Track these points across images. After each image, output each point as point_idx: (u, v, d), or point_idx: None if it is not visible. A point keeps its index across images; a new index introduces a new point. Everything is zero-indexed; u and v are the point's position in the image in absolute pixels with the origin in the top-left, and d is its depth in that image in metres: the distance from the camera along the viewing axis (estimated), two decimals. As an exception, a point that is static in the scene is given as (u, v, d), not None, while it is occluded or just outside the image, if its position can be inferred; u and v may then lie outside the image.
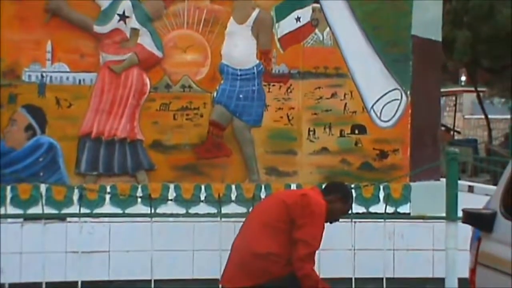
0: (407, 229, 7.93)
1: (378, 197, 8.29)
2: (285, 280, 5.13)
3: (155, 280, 6.76)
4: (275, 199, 5.44)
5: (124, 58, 8.27)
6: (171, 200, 7.94)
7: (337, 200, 5.36)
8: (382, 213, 7.40)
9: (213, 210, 7.63)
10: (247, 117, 8.38)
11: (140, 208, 7.79)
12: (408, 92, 8.47)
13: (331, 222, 5.38)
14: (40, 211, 7.16)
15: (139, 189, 8.12)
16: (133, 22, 8.27)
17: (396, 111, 8.46)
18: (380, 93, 8.44)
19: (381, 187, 8.27)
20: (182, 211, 7.86)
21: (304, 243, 5.06)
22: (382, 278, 7.00)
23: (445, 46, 15.22)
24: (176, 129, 8.27)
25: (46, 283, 6.76)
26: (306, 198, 5.17)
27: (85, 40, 8.17)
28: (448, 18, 19.71)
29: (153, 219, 6.97)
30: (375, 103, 8.44)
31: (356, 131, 8.44)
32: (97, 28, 8.21)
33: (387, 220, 7.26)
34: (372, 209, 8.22)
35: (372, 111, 8.45)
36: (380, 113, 8.45)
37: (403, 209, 8.30)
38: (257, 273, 5.13)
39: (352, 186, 7.90)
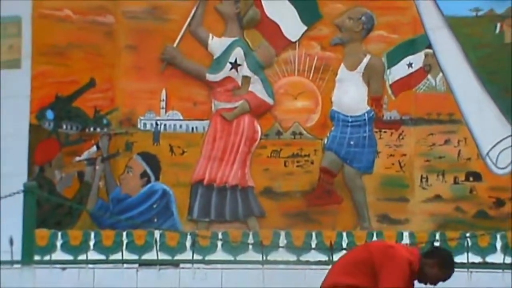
0: (526, 280, 7.66)
1: (495, 246, 8.02)
2: None
3: (267, 328, 6.76)
4: (363, 246, 5.41)
5: (235, 106, 8.37)
6: (282, 247, 7.92)
7: (434, 265, 5.22)
8: (500, 263, 7.18)
9: (324, 258, 7.61)
10: (358, 163, 8.32)
11: (251, 255, 7.84)
12: (525, 138, 8.28)
13: (425, 283, 5.22)
14: (154, 257, 7.35)
15: (250, 236, 8.12)
16: (245, 70, 8.38)
17: (513, 157, 8.27)
18: (496, 140, 8.25)
19: (498, 236, 8.02)
20: (293, 258, 7.85)
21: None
22: (501, 331, 6.78)
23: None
24: (287, 176, 8.28)
25: (161, 329, 6.85)
26: (391, 249, 5.08)
27: (198, 88, 8.35)
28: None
29: (264, 266, 7.08)
30: (490, 149, 8.25)
31: (471, 178, 8.25)
32: (209, 76, 8.36)
33: (505, 271, 7.04)
34: (489, 259, 7.95)
35: (487, 157, 8.26)
36: (496, 160, 8.24)
37: (522, 259, 8.04)
38: None
39: (468, 235, 7.76)
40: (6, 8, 8.16)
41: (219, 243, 8.03)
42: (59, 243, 7.93)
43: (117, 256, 7.71)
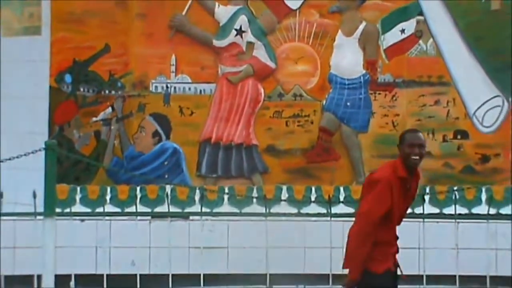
0: (509, 230, 7.68)
1: (480, 199, 8.06)
2: None
3: (270, 275, 6.82)
4: None
5: (240, 70, 8.36)
6: (284, 200, 7.96)
7: (399, 149, 4.95)
8: (485, 214, 7.24)
9: (323, 210, 7.60)
10: (354, 123, 8.34)
11: (255, 208, 7.87)
12: (510, 99, 8.24)
13: (411, 168, 4.80)
14: (166, 210, 7.36)
15: (255, 191, 8.17)
16: (249, 36, 8.36)
17: (498, 117, 8.24)
18: (482, 100, 8.25)
19: (483, 189, 8.06)
20: (294, 211, 7.88)
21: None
22: (486, 276, 6.85)
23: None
24: (288, 135, 8.31)
25: (172, 275, 6.92)
26: (367, 180, 4.85)
27: (205, 54, 8.33)
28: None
29: (268, 218, 7.09)
30: (477, 109, 8.26)
31: (459, 136, 8.28)
32: (216, 42, 8.34)
33: (489, 221, 7.10)
34: (475, 210, 7.99)
35: (474, 117, 8.27)
36: (482, 119, 8.26)
37: (505, 210, 8.05)
38: None
39: (455, 188, 7.81)
40: (27, -21, 8.18)
41: (226, 197, 8.08)
42: (78, 197, 8.02)
43: (132, 209, 7.74)
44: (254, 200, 7.98)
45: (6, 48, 8.13)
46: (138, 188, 8.05)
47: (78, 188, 8.05)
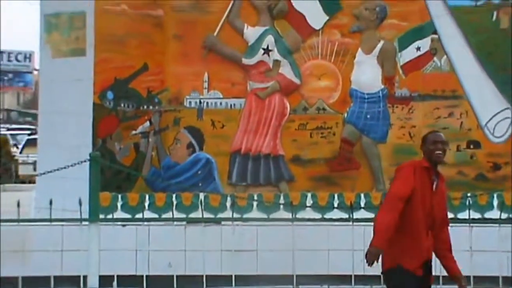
0: (520, 233, 7.68)
1: (492, 204, 8.09)
2: None
3: (296, 276, 6.84)
4: None
5: (268, 86, 8.44)
6: (308, 206, 8.02)
7: (423, 146, 4.86)
8: (496, 219, 7.22)
9: (345, 216, 7.58)
10: (374, 134, 8.39)
11: (282, 213, 7.89)
12: (519, 111, 8.28)
13: (435, 164, 4.79)
14: (199, 216, 7.38)
15: (281, 198, 8.23)
16: (275, 55, 8.43)
17: (508, 128, 8.26)
18: (493, 112, 8.28)
19: (495, 195, 8.08)
20: (318, 216, 7.90)
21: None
22: (498, 277, 6.84)
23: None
24: (312, 146, 8.36)
25: (206, 276, 6.96)
26: (396, 170, 4.90)
27: (235, 71, 8.41)
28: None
29: (294, 223, 7.02)
30: (488, 121, 8.29)
31: (471, 146, 8.31)
32: (245, 61, 8.42)
33: (501, 225, 7.09)
34: (487, 215, 8.00)
35: (485, 128, 8.30)
36: (493, 130, 8.28)
37: (516, 215, 8.07)
38: None
39: (469, 194, 7.82)
40: (73, 5, 8.28)
41: (255, 204, 8.15)
42: (119, 204, 8.12)
43: (168, 215, 7.76)
44: (281, 206, 8.01)
45: (55, 68, 8.30)
46: (174, 196, 8.13)
47: (119, 196, 8.15)
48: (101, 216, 6.89)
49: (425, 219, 4.73)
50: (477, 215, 7.88)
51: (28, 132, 20.20)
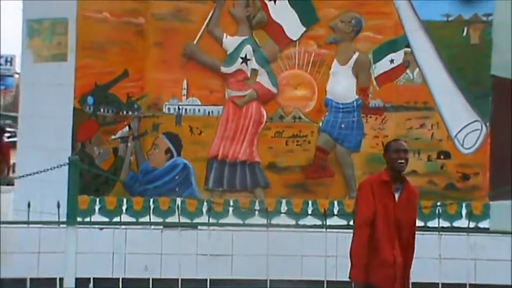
0: (487, 242, 7.73)
1: (461, 213, 8.13)
2: None
3: (270, 280, 6.82)
4: None
5: (245, 94, 8.42)
6: (283, 213, 8.01)
7: (385, 156, 4.95)
8: (465, 228, 7.27)
9: (319, 222, 7.62)
10: (348, 143, 8.40)
11: (257, 219, 7.88)
12: (488, 124, 8.32)
13: (397, 173, 4.80)
14: (176, 220, 7.33)
15: (257, 204, 8.21)
16: (253, 64, 8.42)
17: (477, 139, 8.32)
18: (463, 124, 8.32)
19: (464, 205, 8.13)
20: (293, 222, 7.91)
21: None
22: (466, 284, 6.88)
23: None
24: (288, 153, 8.35)
25: (181, 279, 6.92)
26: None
27: (214, 79, 8.37)
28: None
29: (269, 228, 7.03)
30: (458, 132, 8.33)
31: (442, 157, 8.34)
32: (223, 69, 8.40)
33: (469, 234, 7.14)
34: (456, 223, 8.06)
35: (456, 139, 8.34)
36: (463, 141, 8.33)
37: (483, 224, 8.12)
38: None
39: (439, 204, 7.85)
40: (55, 12, 8.20)
41: (231, 209, 8.13)
42: (97, 207, 8.06)
43: (145, 219, 7.75)
44: (257, 212, 8.01)
45: (37, 73, 8.22)
46: (151, 200, 8.09)
47: (98, 199, 8.10)
48: (79, 219, 6.81)
49: (388, 233, 4.72)
50: (446, 224, 7.97)
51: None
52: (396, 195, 4.78)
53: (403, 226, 4.76)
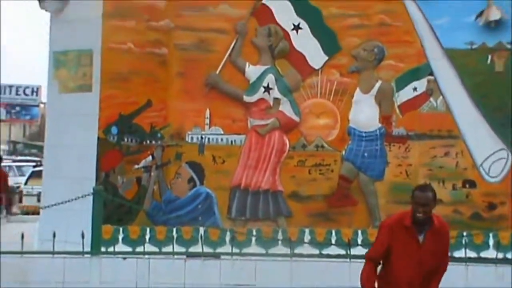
0: (516, 273, 7.57)
1: (488, 243, 8.00)
2: None
3: (294, 310, 6.73)
4: None
5: (268, 123, 8.41)
6: (306, 242, 7.96)
7: (411, 200, 4.71)
8: (493, 258, 7.13)
9: (343, 252, 7.53)
10: (371, 172, 8.33)
11: (280, 248, 7.83)
12: (514, 152, 8.22)
13: (419, 220, 4.64)
14: (199, 249, 7.31)
15: (280, 233, 8.16)
16: (276, 93, 8.42)
17: (503, 168, 8.20)
18: (488, 153, 8.23)
19: (491, 235, 8.00)
20: (316, 252, 7.86)
21: None
22: (494, 315, 6.72)
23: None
24: (311, 182, 8.32)
25: (205, 311, 6.85)
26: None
27: (236, 108, 8.40)
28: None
29: (292, 258, 6.98)
30: (483, 161, 8.24)
31: (467, 185, 8.25)
32: (246, 98, 8.41)
33: (497, 265, 6.98)
34: (483, 254, 7.91)
35: (481, 168, 8.24)
36: (489, 170, 8.22)
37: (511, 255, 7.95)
38: None
39: (465, 233, 7.72)
40: (81, 43, 8.30)
41: (253, 239, 8.09)
42: (120, 237, 8.06)
43: (168, 248, 7.72)
44: (279, 241, 7.96)
45: (62, 103, 8.30)
46: (174, 229, 8.08)
47: (121, 229, 8.09)
48: (103, 249, 6.81)
49: (408, 275, 4.61)
50: (473, 254, 7.80)
51: (33, 164, 20.11)
52: (420, 238, 4.65)
53: (427, 270, 4.66)
